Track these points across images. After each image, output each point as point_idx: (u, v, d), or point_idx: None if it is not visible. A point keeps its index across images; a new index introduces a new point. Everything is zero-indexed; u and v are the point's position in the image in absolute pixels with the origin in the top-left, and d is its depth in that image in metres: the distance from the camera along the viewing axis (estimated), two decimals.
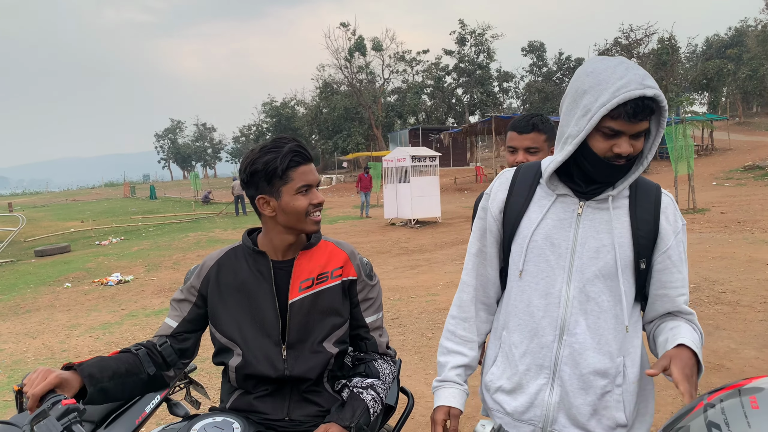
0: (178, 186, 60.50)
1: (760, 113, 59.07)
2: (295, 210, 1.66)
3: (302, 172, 1.66)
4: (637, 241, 1.42)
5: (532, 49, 58.46)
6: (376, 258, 11.36)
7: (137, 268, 12.30)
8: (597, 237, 1.42)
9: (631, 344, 1.46)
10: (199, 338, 1.81)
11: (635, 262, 1.43)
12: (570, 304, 1.44)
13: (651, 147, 1.39)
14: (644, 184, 1.48)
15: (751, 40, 54.31)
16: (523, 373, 1.49)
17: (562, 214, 1.46)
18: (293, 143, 1.66)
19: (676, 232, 1.45)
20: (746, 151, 31.42)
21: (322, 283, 1.74)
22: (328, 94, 50.61)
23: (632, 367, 1.45)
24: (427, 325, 6.31)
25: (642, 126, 1.32)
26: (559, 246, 1.45)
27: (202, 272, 1.78)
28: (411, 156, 16.75)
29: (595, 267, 1.41)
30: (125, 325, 7.33)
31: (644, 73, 1.30)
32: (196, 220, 24.99)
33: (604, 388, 1.43)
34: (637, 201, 1.44)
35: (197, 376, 4.86)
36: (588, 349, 1.43)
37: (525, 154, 2.27)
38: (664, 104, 1.31)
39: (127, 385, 1.61)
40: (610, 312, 1.43)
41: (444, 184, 25.09)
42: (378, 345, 1.85)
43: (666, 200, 1.47)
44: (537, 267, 1.47)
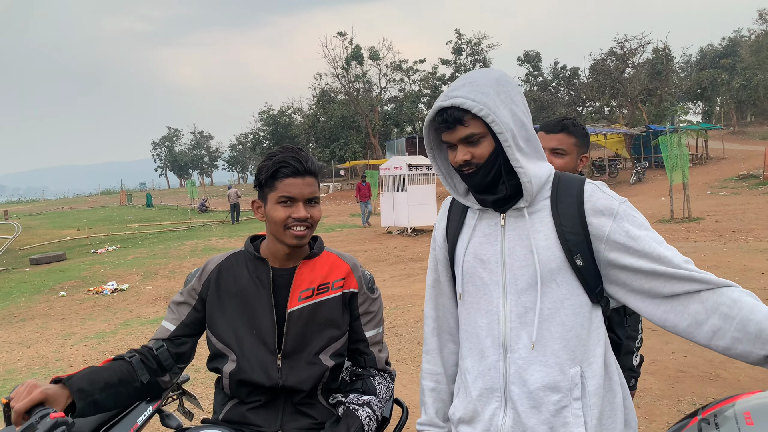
0: (175, 194, 60.42)
1: (753, 122, 59.39)
2: (274, 219, 1.66)
3: (288, 184, 1.64)
4: (564, 238, 1.35)
5: (528, 58, 58.71)
6: (372, 266, 11.34)
7: (133, 276, 12.26)
8: (522, 245, 1.38)
9: (591, 352, 1.36)
10: (195, 343, 1.80)
11: (570, 261, 1.36)
12: (508, 318, 1.38)
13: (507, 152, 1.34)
14: (566, 180, 1.43)
15: (745, 50, 54.73)
16: (476, 399, 1.43)
17: (487, 229, 1.45)
18: (288, 154, 1.65)
19: (612, 215, 1.35)
20: (740, 160, 31.56)
21: (322, 294, 1.73)
22: (325, 103, 50.70)
23: (593, 378, 1.35)
24: (417, 336, 6.29)
25: (460, 132, 1.35)
26: (489, 261, 1.42)
27: (204, 275, 1.78)
28: (408, 164, 16.79)
29: (526, 275, 1.37)
30: (120, 334, 7.29)
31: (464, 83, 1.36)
32: (193, 228, 24.93)
33: (558, 403, 1.34)
34: (558, 198, 1.40)
35: (191, 387, 4.83)
36: (533, 363, 1.35)
37: (550, 155, 2.16)
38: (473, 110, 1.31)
39: (121, 394, 1.60)
40: (553, 320, 1.35)
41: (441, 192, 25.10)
42: (377, 360, 1.83)
43: (589, 188, 1.40)
44: (474, 286, 1.45)
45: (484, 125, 1.34)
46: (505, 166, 1.37)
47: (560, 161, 2.15)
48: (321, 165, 1.75)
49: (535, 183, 1.37)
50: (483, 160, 1.37)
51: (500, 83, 1.38)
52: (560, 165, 2.13)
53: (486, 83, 1.36)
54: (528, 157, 1.38)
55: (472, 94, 1.33)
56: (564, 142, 2.16)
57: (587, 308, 1.38)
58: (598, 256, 1.37)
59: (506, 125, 1.33)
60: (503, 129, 1.32)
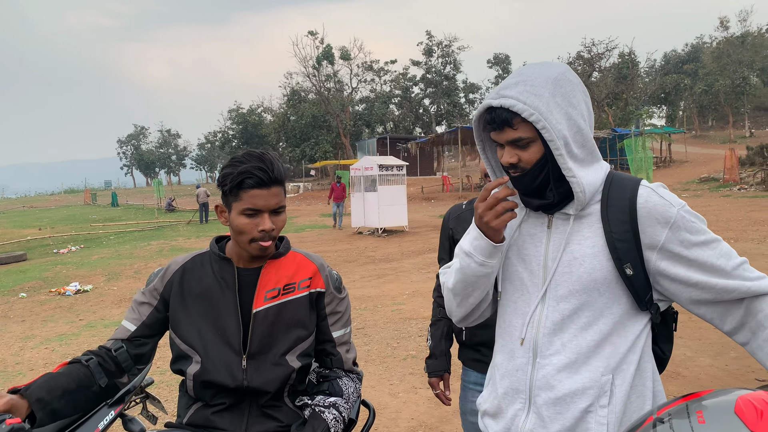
0: (141, 193, 59.27)
1: (714, 127, 61.22)
2: (237, 229, 1.63)
3: (253, 195, 1.59)
4: (613, 245, 1.28)
5: (498, 61, 59.38)
6: (342, 267, 11.31)
7: (97, 277, 11.98)
8: (568, 250, 1.32)
9: (625, 360, 1.31)
10: (156, 344, 1.77)
11: (619, 269, 1.28)
12: (543, 324, 1.34)
13: (558, 160, 1.27)
14: (619, 182, 1.34)
15: (707, 56, 56.40)
16: (501, 396, 1.42)
17: (532, 229, 1.39)
18: (254, 164, 1.59)
19: (667, 223, 1.26)
20: (702, 163, 32.49)
21: (288, 294, 1.72)
22: (296, 102, 50.40)
23: (622, 385, 1.30)
24: (393, 334, 6.31)
25: (508, 135, 1.28)
26: (531, 263, 1.37)
27: (166, 276, 1.75)
28: (379, 165, 16.79)
29: (568, 283, 1.31)
30: (83, 337, 7.12)
31: (518, 80, 1.28)
32: (159, 228, 24.50)
33: (585, 409, 1.30)
34: (609, 202, 1.31)
35: (154, 390, 4.75)
36: (563, 370, 1.31)
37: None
38: (522, 114, 1.24)
39: (79, 400, 1.56)
40: (590, 329, 1.31)
41: (411, 193, 25.20)
42: (344, 361, 1.82)
43: (644, 192, 1.30)
44: (512, 285, 1.41)
45: (533, 129, 1.25)
46: (554, 173, 1.29)
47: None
48: (287, 168, 1.72)
49: (588, 191, 1.29)
50: (530, 165, 1.29)
51: (558, 83, 1.27)
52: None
53: (541, 83, 1.26)
54: (582, 164, 1.30)
55: (524, 96, 1.24)
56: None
57: (627, 316, 1.33)
58: (648, 264, 1.30)
59: (559, 132, 1.24)
60: (555, 137, 1.23)
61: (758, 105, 58.50)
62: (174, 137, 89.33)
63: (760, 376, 4.48)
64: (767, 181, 21.38)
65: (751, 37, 54.44)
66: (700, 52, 63.25)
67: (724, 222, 13.64)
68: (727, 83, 46.46)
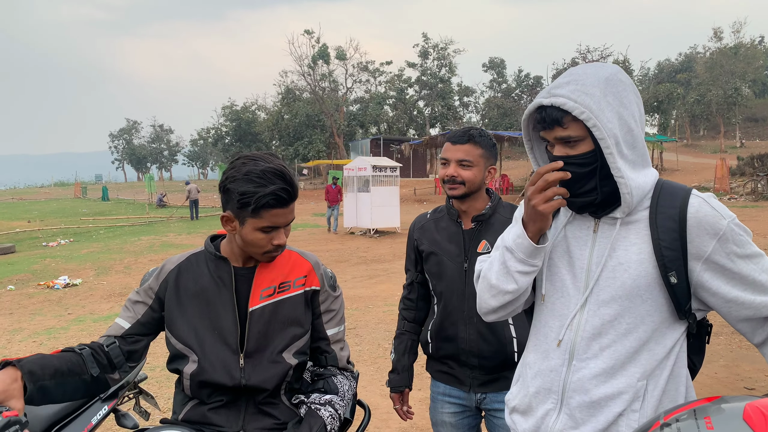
0: (132, 188, 58.96)
1: (706, 136, 61.73)
2: (252, 243, 1.63)
3: (274, 215, 1.58)
4: (660, 253, 1.27)
5: (493, 65, 59.61)
6: (334, 267, 11.30)
7: (86, 271, 11.90)
8: (614, 255, 1.31)
9: (660, 366, 1.32)
10: (149, 343, 1.75)
11: (663, 277, 1.28)
12: (582, 328, 1.34)
13: (608, 159, 1.26)
14: (669, 189, 1.33)
15: (700, 66, 56.83)
16: (533, 395, 1.44)
17: (578, 232, 1.39)
18: (279, 185, 1.56)
19: (716, 234, 1.25)
20: (693, 172, 32.75)
21: (284, 292, 1.72)
22: (290, 101, 50.30)
23: (654, 390, 1.32)
24: (384, 335, 6.30)
25: (558, 133, 1.28)
26: (574, 266, 1.37)
27: (161, 275, 1.73)
28: (372, 166, 16.80)
29: (612, 288, 1.31)
30: (71, 331, 7.07)
31: (569, 80, 1.28)
32: (150, 223, 24.36)
33: (617, 414, 1.31)
34: (658, 209, 1.30)
35: (147, 386, 4.72)
36: (599, 375, 1.32)
37: (457, 167, 2.07)
38: (572, 112, 1.24)
39: (69, 385, 1.53)
40: (630, 335, 1.31)
41: (404, 194, 25.18)
42: (339, 359, 1.82)
43: (695, 202, 1.29)
44: (553, 287, 1.41)
45: (584, 128, 1.26)
46: (601, 172, 1.29)
47: (468, 173, 2.06)
48: (297, 179, 1.71)
49: (636, 194, 1.28)
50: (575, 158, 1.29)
51: (610, 83, 1.27)
52: (468, 177, 2.06)
53: (593, 83, 1.26)
54: (632, 165, 1.29)
55: (575, 95, 1.24)
56: (471, 154, 2.07)
57: (667, 324, 1.33)
58: (692, 275, 1.29)
59: (609, 131, 1.24)
60: (605, 135, 1.23)
61: (749, 116, 59.12)
62: (166, 132, 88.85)
63: (749, 384, 4.52)
64: (757, 191, 21.58)
65: (744, 48, 54.96)
66: (693, 61, 63.76)
67: None
68: (719, 93, 46.88)
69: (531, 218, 1.33)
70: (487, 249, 2.09)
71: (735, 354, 5.27)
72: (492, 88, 60.02)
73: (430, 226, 2.25)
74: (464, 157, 2.07)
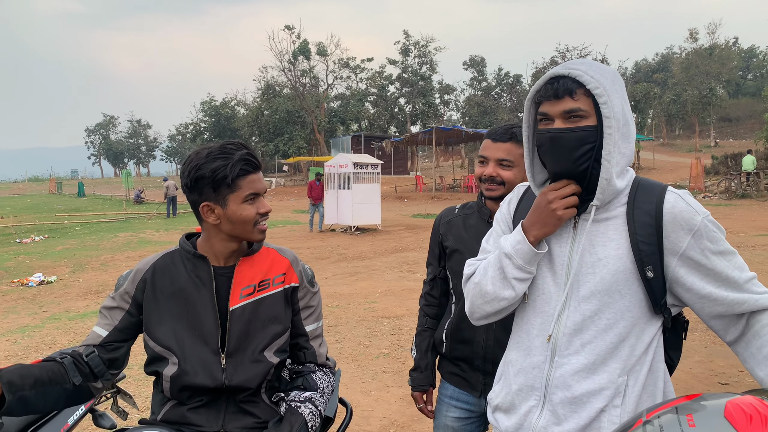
0: (109, 184, 58.07)
1: (681, 135, 62.77)
2: (242, 219, 1.62)
3: (251, 181, 1.62)
4: (637, 248, 1.30)
5: (473, 63, 59.86)
6: (315, 264, 11.26)
7: (61, 268, 11.69)
8: (592, 251, 1.34)
9: (640, 362, 1.35)
10: (129, 348, 1.72)
11: (640, 272, 1.31)
12: (563, 324, 1.36)
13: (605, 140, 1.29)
14: (646, 185, 1.37)
15: (676, 66, 57.74)
16: (515, 392, 1.45)
17: (558, 229, 1.40)
18: (244, 151, 1.62)
19: (691, 230, 1.29)
20: (669, 170, 33.30)
21: (263, 291, 1.70)
22: (270, 96, 49.95)
23: (635, 386, 1.34)
24: (365, 333, 6.30)
25: (566, 103, 1.29)
26: (554, 263, 1.39)
27: (137, 277, 1.70)
28: (353, 163, 16.77)
29: (591, 283, 1.33)
30: (46, 329, 6.93)
31: (584, 61, 1.33)
32: (127, 220, 24.03)
33: (600, 409, 1.33)
34: (635, 205, 1.33)
35: (125, 385, 4.65)
36: (581, 371, 1.34)
37: (496, 166, 1.95)
38: (588, 85, 1.27)
39: (50, 395, 1.50)
40: (610, 330, 1.33)
41: (385, 191, 25.20)
42: (318, 355, 1.82)
43: (672, 198, 1.32)
44: (535, 285, 1.42)
45: (592, 105, 1.29)
46: (597, 155, 1.31)
47: (508, 173, 1.94)
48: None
49: (612, 183, 1.30)
50: (576, 130, 1.31)
51: (617, 76, 1.33)
52: (508, 177, 1.94)
53: (606, 70, 1.31)
54: (621, 155, 1.31)
55: (592, 71, 1.28)
56: (512, 153, 1.94)
57: (645, 319, 1.35)
58: (668, 270, 1.32)
59: (616, 112, 1.28)
60: (612, 114, 1.27)
61: (723, 116, 60.22)
62: (144, 128, 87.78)
63: (723, 380, 4.60)
64: (731, 190, 22.00)
65: (718, 49, 55.91)
66: (669, 62, 64.78)
67: None
68: (694, 94, 47.67)
69: (543, 222, 1.36)
70: None
71: (710, 350, 5.36)
72: (472, 86, 60.29)
73: (458, 222, 2.13)
74: (505, 156, 1.95)
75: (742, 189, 21.65)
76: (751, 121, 57.69)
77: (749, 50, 72.44)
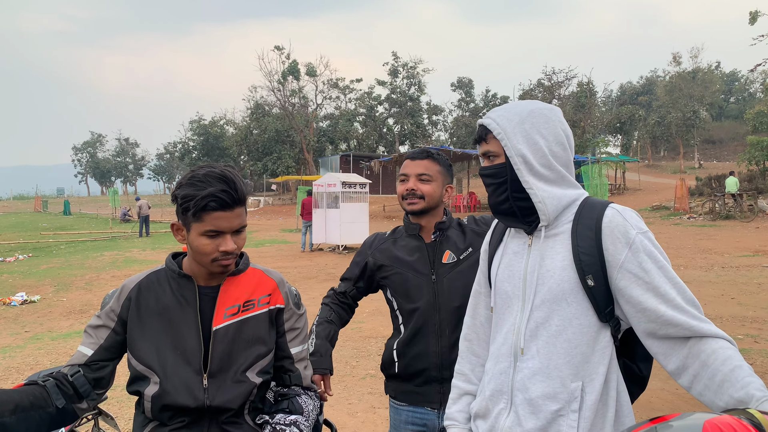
0: (95, 202, 57.58)
1: (666, 157, 63.57)
2: (199, 250, 1.60)
3: (216, 218, 1.56)
4: (578, 258, 1.43)
5: (461, 84, 60.45)
6: (302, 284, 11.20)
7: (45, 287, 11.54)
8: (542, 264, 1.47)
9: (594, 369, 1.43)
10: (115, 367, 1.71)
11: (582, 281, 1.42)
12: (522, 331, 1.48)
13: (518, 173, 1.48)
14: (591, 204, 1.50)
15: (660, 89, 58.76)
16: (488, 398, 1.55)
17: (516, 247, 1.57)
18: (219, 187, 1.55)
19: (628, 243, 1.39)
20: (654, 191, 33.65)
21: (248, 311, 1.70)
22: (260, 116, 50.02)
23: (592, 393, 1.41)
24: (352, 353, 6.26)
25: (482, 147, 1.55)
26: (513, 277, 1.53)
27: (122, 295, 1.69)
28: (342, 182, 16.79)
29: (542, 293, 1.46)
30: (28, 349, 6.82)
31: (503, 108, 1.54)
32: (113, 238, 23.81)
33: (556, 412, 1.41)
34: (579, 220, 1.47)
35: (107, 406, 4.58)
36: (537, 374, 1.44)
37: (416, 181, 2.16)
38: (494, 132, 1.50)
39: (32, 420, 1.48)
40: (561, 336, 1.43)
41: (373, 211, 25.22)
42: (303, 378, 1.81)
43: (610, 213, 1.44)
44: (501, 299, 1.57)
45: (500, 146, 1.50)
46: (515, 185, 1.50)
47: (427, 187, 2.16)
48: (248, 184, 1.68)
49: (549, 204, 1.47)
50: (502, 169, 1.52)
51: (532, 114, 1.50)
52: (427, 191, 2.15)
53: (517, 112, 1.51)
54: (546, 181, 1.48)
55: (499, 119, 1.50)
56: (430, 168, 2.17)
57: (595, 328, 1.44)
58: (611, 282, 1.42)
59: (517, 150, 1.47)
60: (512, 153, 1.47)
61: (707, 138, 61.12)
62: (132, 146, 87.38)
63: None
64: (714, 211, 22.26)
65: (701, 73, 57.03)
66: (654, 84, 65.88)
67: (674, 249, 14.12)
68: (678, 116, 48.40)
69: None
70: (452, 258, 2.15)
71: None
72: (460, 107, 60.81)
73: (388, 246, 2.27)
74: (424, 171, 2.16)
75: (726, 210, 21.92)
76: (734, 143, 58.63)
77: (731, 74, 73.91)
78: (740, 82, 73.58)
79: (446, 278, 2.14)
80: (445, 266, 2.16)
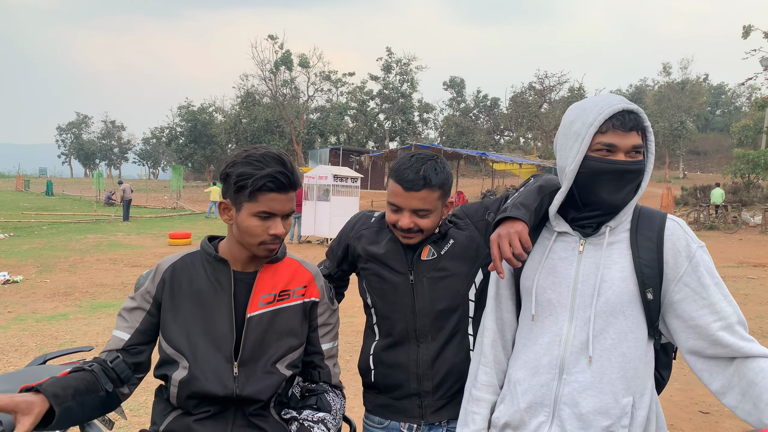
0: (79, 184, 56.75)
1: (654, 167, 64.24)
2: (248, 231, 1.55)
3: (271, 199, 1.52)
4: (640, 270, 1.37)
5: (453, 84, 60.59)
6: None
7: (28, 268, 11.31)
8: (597, 273, 1.40)
9: (644, 384, 1.41)
10: (152, 351, 1.65)
11: (641, 294, 1.38)
12: (570, 343, 1.41)
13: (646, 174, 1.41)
14: (647, 212, 1.46)
15: (649, 98, 59.33)
16: (524, 410, 1.47)
17: (563, 253, 1.47)
18: (277, 168, 1.51)
19: (689, 257, 1.37)
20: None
21: (283, 301, 1.64)
22: (250, 104, 49.68)
23: (642, 409, 1.39)
24: (345, 347, 6.20)
25: (633, 138, 1.36)
26: (560, 284, 1.44)
27: (157, 276, 1.63)
28: (333, 175, 16.71)
29: (597, 304, 1.38)
30: (12, 330, 6.67)
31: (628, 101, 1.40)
32: (97, 221, 23.47)
33: (606, 428, 1.37)
34: (638, 230, 1.41)
35: None
36: (588, 388, 1.38)
37: (413, 216, 1.75)
38: (647, 123, 1.38)
39: (88, 404, 1.44)
40: (616, 350, 1.38)
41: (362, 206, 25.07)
42: (332, 375, 1.76)
43: (671, 225, 1.42)
44: (540, 306, 1.47)
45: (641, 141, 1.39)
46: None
47: (426, 221, 1.76)
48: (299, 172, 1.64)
49: (630, 208, 1.42)
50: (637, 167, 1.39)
51: None
52: (426, 225, 1.76)
53: None
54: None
55: (641, 112, 1.39)
56: (428, 200, 1.73)
57: (645, 342, 1.41)
58: (665, 294, 1.39)
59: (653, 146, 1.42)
60: (653, 148, 1.41)
61: (692, 149, 61.93)
62: (118, 129, 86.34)
63: (704, 408, 4.63)
64: (699, 221, 22.52)
65: (690, 84, 57.65)
66: (643, 93, 66.48)
67: None
68: (665, 126, 48.93)
69: None
70: (432, 254, 1.82)
71: (689, 378, 5.40)
72: (451, 107, 60.95)
73: (369, 234, 1.94)
74: (421, 206, 1.73)
75: (711, 221, 22.18)
76: (718, 155, 59.46)
77: (718, 87, 74.88)
78: (727, 95, 74.58)
79: (426, 278, 1.82)
80: (424, 263, 1.82)
